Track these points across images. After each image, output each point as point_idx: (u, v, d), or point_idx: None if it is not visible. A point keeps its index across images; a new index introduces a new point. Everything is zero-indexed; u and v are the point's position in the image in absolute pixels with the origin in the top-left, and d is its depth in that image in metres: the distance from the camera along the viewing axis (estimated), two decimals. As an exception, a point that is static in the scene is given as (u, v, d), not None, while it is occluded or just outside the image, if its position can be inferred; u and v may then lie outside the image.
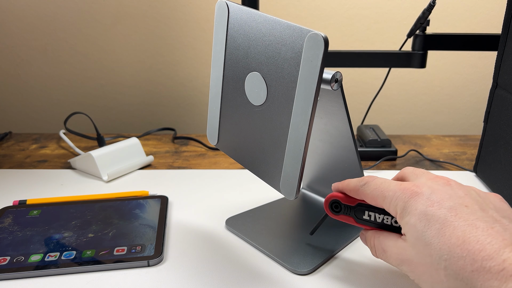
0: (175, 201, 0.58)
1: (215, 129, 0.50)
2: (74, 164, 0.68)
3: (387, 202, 0.34)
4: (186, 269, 0.44)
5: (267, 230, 0.50)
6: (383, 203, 0.34)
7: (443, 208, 0.30)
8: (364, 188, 0.36)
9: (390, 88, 0.99)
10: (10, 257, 0.44)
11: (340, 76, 0.41)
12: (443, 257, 0.28)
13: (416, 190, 0.32)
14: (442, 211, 0.30)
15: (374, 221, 0.38)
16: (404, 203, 0.32)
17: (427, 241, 0.29)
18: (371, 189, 0.36)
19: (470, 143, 0.84)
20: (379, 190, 0.35)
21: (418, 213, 0.30)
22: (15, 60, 0.95)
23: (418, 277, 0.31)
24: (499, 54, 0.60)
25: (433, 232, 0.29)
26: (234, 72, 0.44)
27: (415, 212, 0.31)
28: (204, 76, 0.98)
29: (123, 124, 1.02)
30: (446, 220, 0.29)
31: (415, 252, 0.31)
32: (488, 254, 0.26)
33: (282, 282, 0.42)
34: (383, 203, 0.34)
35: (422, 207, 0.31)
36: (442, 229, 0.29)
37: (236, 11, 0.42)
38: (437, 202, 0.30)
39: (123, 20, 0.93)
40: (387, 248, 0.35)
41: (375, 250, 0.37)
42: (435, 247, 0.29)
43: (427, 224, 0.30)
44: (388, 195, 0.34)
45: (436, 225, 0.29)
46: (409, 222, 0.31)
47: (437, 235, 0.29)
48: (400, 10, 0.93)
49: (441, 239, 0.28)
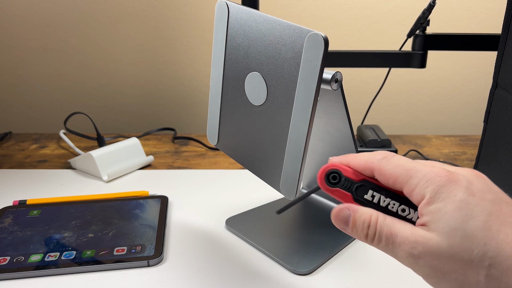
0: (175, 201, 0.58)
1: (215, 129, 0.50)
2: (74, 164, 0.68)
3: (413, 183, 0.28)
4: (186, 269, 0.44)
5: (267, 230, 0.50)
6: (406, 184, 0.28)
7: (486, 200, 0.26)
8: (383, 163, 0.30)
9: (390, 88, 0.99)
10: (10, 257, 0.44)
11: (340, 76, 0.41)
12: (488, 254, 0.24)
13: (451, 177, 0.27)
14: (485, 203, 0.26)
15: (377, 204, 0.32)
16: (439, 187, 0.27)
17: (469, 232, 0.25)
18: (393, 165, 0.29)
19: (470, 143, 0.84)
20: (404, 168, 0.29)
21: (458, 200, 0.26)
22: (15, 60, 0.95)
23: (441, 276, 0.26)
24: (499, 54, 0.59)
25: (478, 224, 0.25)
26: (234, 72, 0.44)
27: (454, 199, 0.26)
28: (204, 76, 0.98)
29: (123, 124, 1.02)
30: (492, 213, 0.25)
31: (447, 244, 0.25)
32: None
33: (282, 282, 0.42)
34: (406, 184, 0.28)
35: (462, 195, 0.26)
36: (488, 222, 0.25)
37: (236, 11, 0.42)
38: (478, 193, 0.26)
39: (123, 20, 0.93)
40: (399, 233, 0.28)
41: (377, 233, 0.29)
42: (479, 241, 0.25)
43: (469, 213, 0.25)
44: (417, 176, 0.28)
45: (481, 217, 0.25)
46: (443, 209, 0.26)
47: (482, 227, 0.25)
48: (400, 10, 0.92)
49: (487, 233, 0.25)
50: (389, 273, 0.44)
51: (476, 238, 0.25)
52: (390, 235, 0.28)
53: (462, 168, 0.28)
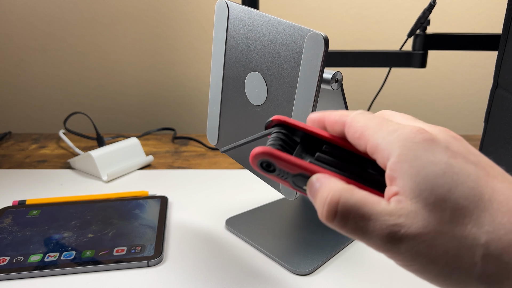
0: (175, 201, 0.58)
1: (215, 129, 0.49)
2: (74, 164, 0.68)
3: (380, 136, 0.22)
4: (186, 269, 0.44)
5: (267, 230, 0.50)
6: (372, 137, 0.23)
7: (470, 163, 0.21)
8: (357, 116, 0.24)
9: (391, 88, 0.98)
10: (9, 257, 0.44)
11: (341, 76, 0.41)
12: (484, 228, 0.19)
13: (427, 135, 0.22)
14: (470, 166, 0.21)
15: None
16: (413, 143, 0.21)
17: (460, 202, 0.20)
18: (366, 118, 0.24)
19: (471, 143, 0.83)
20: (376, 121, 0.23)
21: (439, 162, 0.20)
22: (15, 59, 0.95)
23: (428, 261, 0.20)
24: (499, 54, 0.59)
25: (467, 191, 0.20)
26: (234, 71, 0.44)
27: (434, 160, 0.20)
28: (204, 76, 0.98)
29: (123, 124, 1.02)
30: (479, 178, 0.20)
31: (434, 221, 0.20)
32: None
33: (282, 282, 0.42)
34: (372, 138, 0.23)
35: (443, 156, 0.21)
36: (478, 188, 0.20)
37: (236, 11, 0.42)
38: (460, 154, 0.21)
39: (123, 20, 0.93)
40: (372, 215, 0.21)
41: (340, 212, 0.22)
42: (471, 212, 0.20)
43: (455, 179, 0.20)
44: (386, 129, 0.22)
45: (469, 183, 0.20)
46: (422, 171, 0.20)
47: (473, 196, 0.20)
48: (400, 9, 0.92)
49: (479, 202, 0.20)
50: (389, 273, 0.44)
51: (468, 208, 0.20)
52: (360, 218, 0.21)
53: (437, 127, 0.24)
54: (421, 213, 0.20)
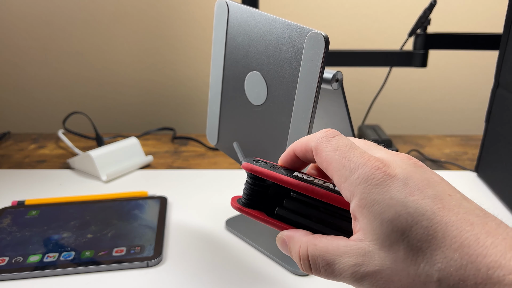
0: (175, 202, 0.58)
1: (215, 129, 0.49)
2: (73, 164, 0.68)
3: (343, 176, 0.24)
4: (186, 270, 0.44)
5: (267, 230, 0.50)
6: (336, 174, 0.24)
7: (426, 198, 0.22)
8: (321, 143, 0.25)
9: (391, 87, 0.98)
10: (8, 258, 0.44)
11: (341, 75, 0.40)
12: (436, 266, 0.21)
13: (387, 172, 0.23)
14: (426, 202, 0.22)
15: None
16: (372, 187, 0.22)
17: (413, 243, 0.21)
18: (331, 147, 0.25)
19: (472, 143, 0.84)
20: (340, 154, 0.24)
21: (395, 205, 0.22)
22: (14, 59, 0.95)
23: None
24: (500, 54, 0.59)
25: (421, 231, 0.21)
26: (234, 71, 0.44)
27: (390, 203, 0.22)
28: (204, 76, 0.98)
29: (122, 124, 1.01)
30: (435, 214, 0.21)
31: (389, 260, 0.22)
32: (494, 260, 0.20)
33: (282, 282, 0.42)
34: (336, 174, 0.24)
35: (400, 196, 0.22)
36: (432, 227, 0.21)
37: (236, 10, 0.42)
38: (417, 190, 0.22)
39: (122, 20, 0.93)
40: (335, 259, 0.23)
41: (311, 264, 0.24)
42: (424, 252, 0.21)
43: (409, 220, 0.21)
44: (349, 167, 0.23)
45: (423, 222, 0.21)
46: (379, 217, 0.22)
47: (426, 235, 0.21)
48: (401, 9, 0.92)
49: (432, 241, 0.21)
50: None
51: (421, 249, 0.21)
52: (327, 265, 0.24)
53: (398, 156, 0.24)
54: (378, 253, 0.22)
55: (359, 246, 0.23)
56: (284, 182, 0.26)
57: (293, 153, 0.28)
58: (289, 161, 0.28)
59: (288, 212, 0.27)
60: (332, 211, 0.26)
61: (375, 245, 0.22)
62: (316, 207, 0.26)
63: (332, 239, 0.24)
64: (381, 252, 0.22)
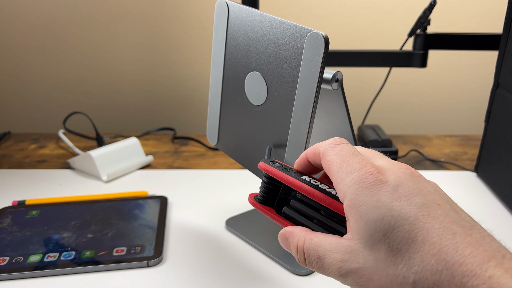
0: (175, 202, 0.58)
1: (215, 129, 0.49)
2: (73, 164, 0.68)
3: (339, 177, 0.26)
4: (186, 269, 0.44)
5: (267, 230, 0.50)
6: (334, 176, 0.26)
7: (413, 205, 0.23)
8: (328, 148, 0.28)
9: (391, 87, 0.98)
10: (9, 258, 0.44)
11: (341, 75, 0.40)
12: (413, 268, 0.22)
13: (379, 178, 0.24)
14: (412, 208, 0.23)
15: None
16: (362, 189, 0.24)
17: (393, 245, 0.23)
18: (335, 152, 0.27)
19: (471, 143, 0.84)
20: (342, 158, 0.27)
21: (380, 207, 0.23)
22: (14, 59, 0.95)
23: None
24: (500, 54, 0.59)
25: (402, 234, 0.22)
26: (234, 71, 0.44)
27: (377, 205, 0.23)
28: (204, 76, 0.98)
29: (123, 124, 1.01)
30: (418, 220, 0.23)
31: (371, 259, 0.23)
32: (470, 269, 0.20)
33: (282, 282, 0.42)
34: (334, 176, 0.26)
35: (386, 199, 0.23)
36: (413, 231, 0.22)
37: (236, 11, 0.42)
38: (405, 196, 0.23)
39: (123, 19, 0.93)
40: (325, 254, 0.25)
41: (305, 256, 0.27)
42: (404, 254, 0.22)
43: (392, 223, 0.23)
44: (346, 170, 0.26)
45: (405, 226, 0.23)
46: (364, 217, 0.24)
47: (407, 238, 0.22)
48: (400, 9, 0.92)
49: (411, 245, 0.22)
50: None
51: (400, 251, 0.22)
52: (318, 258, 0.26)
53: (397, 165, 0.26)
54: (362, 252, 0.24)
55: (347, 244, 0.25)
56: (290, 183, 0.29)
57: (306, 157, 0.30)
58: (302, 165, 0.30)
59: (293, 211, 0.29)
60: (330, 215, 0.28)
61: (360, 243, 0.24)
62: (317, 209, 0.28)
63: (326, 236, 0.26)
64: (365, 250, 0.24)
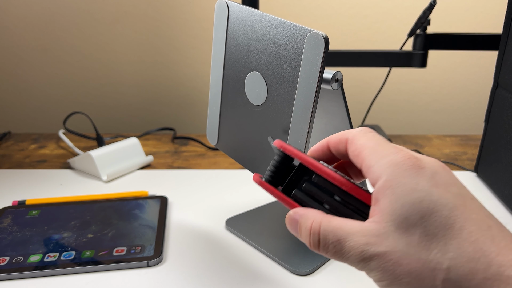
0: (175, 202, 0.58)
1: (215, 129, 0.49)
2: (74, 164, 0.68)
3: (373, 159, 0.24)
4: (186, 269, 0.44)
5: (267, 230, 0.50)
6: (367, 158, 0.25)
7: (450, 193, 0.23)
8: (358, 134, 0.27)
9: (391, 88, 0.98)
10: (9, 258, 0.44)
11: (341, 75, 0.40)
12: (448, 254, 0.21)
13: (417, 163, 0.24)
14: (450, 196, 0.22)
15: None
16: (401, 170, 0.23)
17: (430, 230, 0.22)
18: (367, 137, 0.26)
19: (471, 143, 0.84)
20: (375, 143, 0.26)
21: (419, 190, 0.22)
22: (14, 59, 0.95)
23: (393, 279, 0.22)
24: (500, 54, 0.59)
25: (440, 220, 0.22)
26: (234, 71, 0.44)
27: (416, 188, 0.22)
28: (204, 76, 0.98)
29: (123, 124, 1.01)
30: (456, 208, 0.22)
31: (402, 243, 0.22)
32: (507, 259, 0.20)
33: (282, 282, 0.42)
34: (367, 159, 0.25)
35: (425, 184, 0.23)
36: (451, 218, 0.22)
37: (236, 11, 0.42)
38: (443, 184, 0.23)
39: (123, 20, 0.93)
40: (347, 237, 0.24)
41: (320, 239, 0.25)
42: (440, 239, 0.22)
43: (431, 207, 0.22)
44: (381, 153, 0.24)
45: (444, 212, 0.22)
46: (401, 198, 0.22)
47: (444, 224, 0.22)
48: (400, 9, 0.92)
49: (448, 230, 0.22)
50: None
51: (436, 236, 0.22)
52: (337, 241, 0.24)
53: (429, 157, 0.25)
54: (392, 235, 0.23)
55: (374, 227, 0.23)
56: (311, 164, 0.27)
57: (326, 144, 0.29)
58: (319, 151, 0.29)
59: (305, 195, 0.28)
60: (347, 202, 0.26)
61: (391, 226, 0.23)
62: (332, 195, 0.27)
63: (346, 220, 0.25)
64: (395, 234, 0.22)
